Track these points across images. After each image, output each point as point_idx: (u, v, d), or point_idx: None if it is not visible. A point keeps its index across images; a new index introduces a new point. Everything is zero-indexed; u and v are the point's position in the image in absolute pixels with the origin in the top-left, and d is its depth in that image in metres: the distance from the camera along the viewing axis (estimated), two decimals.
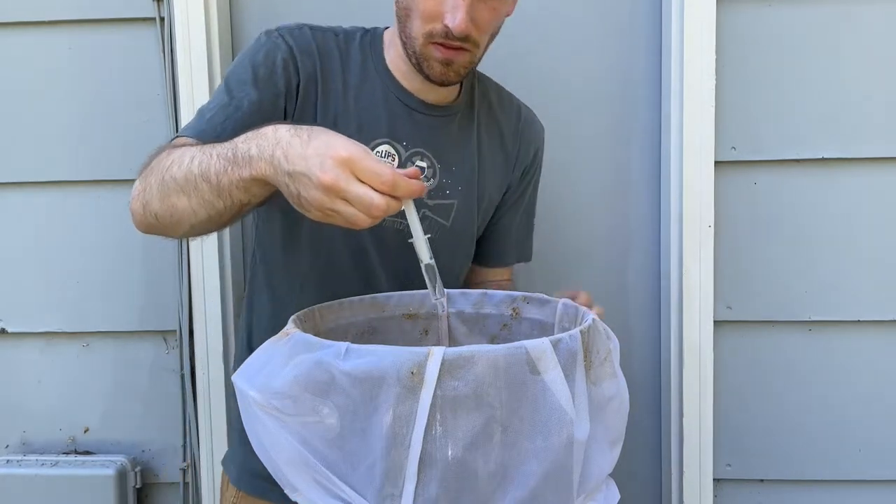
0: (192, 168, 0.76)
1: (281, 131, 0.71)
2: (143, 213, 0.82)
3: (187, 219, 0.78)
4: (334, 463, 0.64)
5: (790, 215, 1.31)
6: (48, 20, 1.34)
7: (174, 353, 1.39)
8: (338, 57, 0.97)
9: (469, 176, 1.02)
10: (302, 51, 0.95)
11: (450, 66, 0.92)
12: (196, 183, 0.75)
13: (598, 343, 0.71)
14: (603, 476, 0.71)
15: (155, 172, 0.81)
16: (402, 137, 0.97)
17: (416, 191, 0.70)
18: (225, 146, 0.75)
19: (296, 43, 0.95)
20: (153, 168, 0.82)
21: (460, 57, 0.92)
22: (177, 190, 0.77)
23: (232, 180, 0.73)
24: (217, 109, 0.90)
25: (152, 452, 1.41)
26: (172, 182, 0.77)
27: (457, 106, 1.02)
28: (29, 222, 1.38)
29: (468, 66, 0.94)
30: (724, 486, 1.37)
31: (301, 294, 0.98)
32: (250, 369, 0.71)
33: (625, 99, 1.39)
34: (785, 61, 1.29)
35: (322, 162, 0.66)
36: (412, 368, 0.60)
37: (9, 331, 1.40)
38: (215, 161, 0.74)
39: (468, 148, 1.03)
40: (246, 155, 0.72)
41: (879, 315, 1.31)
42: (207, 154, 0.76)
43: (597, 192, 1.40)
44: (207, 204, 0.76)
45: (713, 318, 1.32)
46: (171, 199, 0.78)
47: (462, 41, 0.90)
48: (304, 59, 0.94)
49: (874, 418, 1.33)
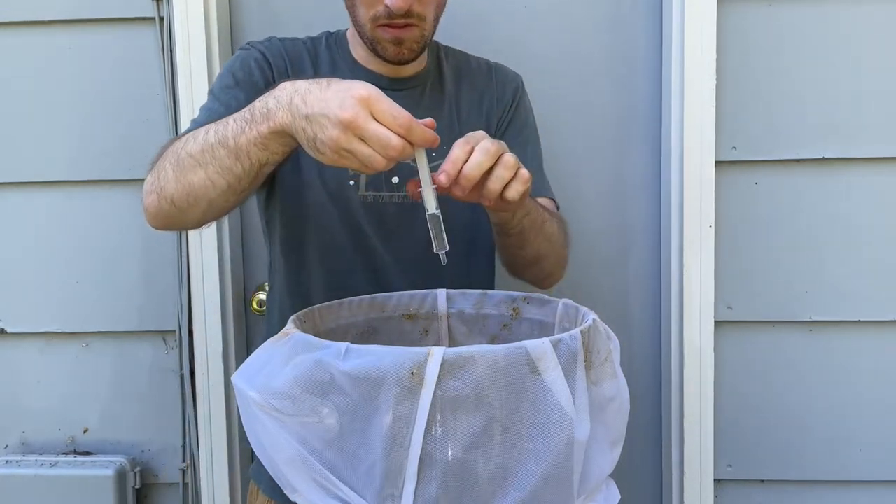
0: (208, 138, 0.78)
1: (298, 83, 0.73)
2: (158, 202, 0.83)
3: (204, 194, 0.79)
4: (334, 463, 0.63)
5: (791, 215, 1.31)
6: (48, 20, 1.34)
7: (174, 353, 1.39)
8: (307, 58, 1.04)
9: (448, 134, 1.04)
10: (273, 54, 1.02)
11: (402, 45, 0.96)
12: (213, 150, 0.77)
13: (599, 343, 0.71)
14: (603, 476, 0.70)
15: (168, 157, 0.83)
16: None
17: (430, 139, 0.70)
18: (241, 111, 0.77)
19: (266, 48, 1.02)
20: (165, 156, 0.84)
21: (408, 33, 0.95)
22: (193, 164, 0.79)
23: (250, 138, 0.75)
24: (208, 113, 0.94)
25: (152, 453, 1.41)
26: (188, 158, 0.79)
27: (424, 74, 1.07)
28: (28, 222, 1.38)
29: (420, 41, 0.98)
30: (724, 486, 1.36)
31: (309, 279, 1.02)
32: (250, 369, 0.71)
33: (625, 99, 1.39)
34: (785, 61, 1.29)
35: (342, 100, 0.67)
36: (412, 369, 0.60)
37: (8, 331, 1.40)
38: (232, 124, 0.76)
39: (442, 109, 1.06)
40: (264, 109, 0.74)
41: (880, 315, 1.31)
42: (223, 123, 0.78)
43: (597, 192, 1.40)
44: (226, 170, 0.77)
45: (714, 318, 1.32)
46: (188, 176, 0.79)
47: (406, 17, 0.93)
48: (275, 60, 1.01)
49: (875, 418, 1.33)
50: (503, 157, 0.74)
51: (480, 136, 0.76)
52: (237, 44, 1.41)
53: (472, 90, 1.10)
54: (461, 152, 0.73)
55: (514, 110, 1.12)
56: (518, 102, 1.13)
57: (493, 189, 0.75)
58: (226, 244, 1.37)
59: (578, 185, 1.39)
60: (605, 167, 1.40)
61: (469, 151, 0.73)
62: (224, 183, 0.78)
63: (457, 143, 0.74)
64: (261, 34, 1.39)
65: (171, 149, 0.84)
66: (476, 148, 0.73)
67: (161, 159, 0.85)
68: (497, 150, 0.74)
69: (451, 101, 1.08)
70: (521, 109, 1.13)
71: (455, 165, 0.72)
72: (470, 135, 0.76)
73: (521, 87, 1.14)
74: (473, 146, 0.74)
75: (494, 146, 0.74)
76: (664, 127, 1.37)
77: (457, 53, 1.14)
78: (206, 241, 1.35)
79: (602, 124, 1.40)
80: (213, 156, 0.77)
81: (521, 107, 1.13)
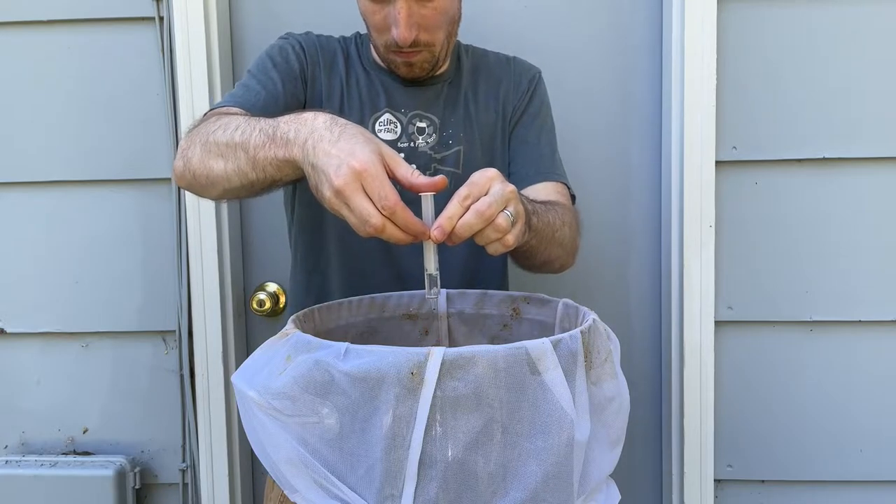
0: (234, 136, 0.80)
1: (318, 121, 0.74)
2: (183, 170, 0.87)
3: (221, 183, 0.83)
4: (334, 463, 0.63)
5: (791, 215, 1.31)
6: (48, 20, 1.34)
7: (173, 353, 1.39)
8: (339, 52, 1.10)
9: (466, 122, 1.11)
10: (309, 45, 1.08)
11: (413, 66, 1.03)
12: (235, 151, 0.80)
13: (599, 343, 0.71)
14: (603, 477, 0.70)
15: (201, 133, 0.86)
16: (400, 106, 1.08)
17: (414, 227, 0.70)
18: (269, 122, 0.78)
19: (303, 39, 1.09)
20: (199, 130, 0.87)
21: (417, 57, 1.02)
22: (217, 154, 0.82)
23: (267, 156, 0.77)
24: (244, 90, 1.00)
25: (151, 453, 1.41)
26: (214, 146, 0.82)
27: (446, 74, 1.12)
28: (28, 222, 1.38)
29: (431, 61, 1.04)
30: (724, 486, 1.36)
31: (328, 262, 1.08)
32: (250, 369, 0.71)
33: (626, 99, 1.39)
34: (785, 61, 1.29)
35: (339, 166, 0.69)
36: (412, 369, 0.60)
37: (8, 331, 1.40)
38: (256, 134, 0.78)
39: (459, 100, 1.12)
40: (284, 136, 0.75)
41: (880, 315, 1.31)
42: (251, 126, 0.80)
43: (597, 192, 1.40)
44: (241, 173, 0.80)
45: (714, 319, 1.31)
46: (210, 162, 0.82)
47: (413, 47, 0.99)
48: (310, 50, 1.08)
49: (875, 419, 1.33)
50: (496, 221, 0.73)
51: (483, 186, 0.74)
52: (237, 44, 1.41)
53: (489, 81, 1.14)
54: (458, 208, 0.73)
55: (529, 98, 1.15)
56: (534, 91, 1.16)
57: (479, 243, 0.76)
58: (226, 244, 1.37)
59: (578, 185, 1.38)
60: (606, 167, 1.40)
61: (466, 208, 0.73)
62: (238, 182, 0.81)
63: (457, 194, 0.73)
64: (261, 34, 1.40)
65: (206, 123, 0.87)
66: (472, 207, 0.72)
67: (195, 132, 0.88)
68: (492, 212, 0.73)
69: (467, 93, 1.12)
70: (537, 98, 1.16)
71: (450, 222, 0.72)
72: (475, 180, 0.74)
73: (537, 77, 1.17)
74: (473, 202, 0.73)
75: (491, 208, 0.73)
76: (664, 127, 1.37)
77: (476, 51, 1.18)
78: (206, 242, 1.35)
79: (602, 124, 1.40)
80: (234, 155, 0.80)
81: (536, 95, 1.16)
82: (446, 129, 1.09)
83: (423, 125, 1.08)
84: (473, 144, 1.10)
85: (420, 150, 1.07)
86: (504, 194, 0.74)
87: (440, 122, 1.09)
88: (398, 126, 1.07)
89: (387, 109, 1.07)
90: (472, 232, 0.73)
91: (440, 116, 1.09)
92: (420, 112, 1.08)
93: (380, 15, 0.99)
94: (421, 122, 1.08)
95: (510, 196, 0.75)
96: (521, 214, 0.77)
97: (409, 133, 1.07)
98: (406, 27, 0.96)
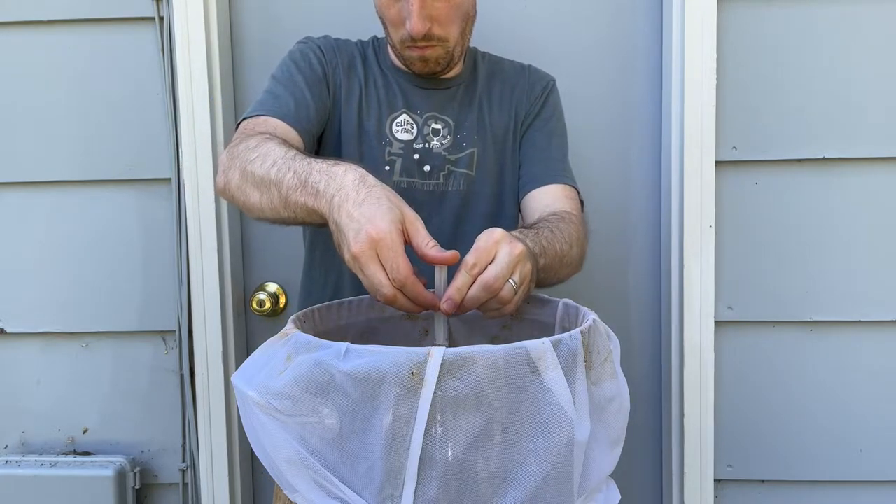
0: (270, 172, 0.82)
1: (348, 178, 0.75)
2: (223, 188, 0.91)
3: (255, 212, 0.86)
4: (334, 463, 0.63)
5: (791, 215, 1.31)
6: (48, 20, 1.34)
7: (173, 353, 1.39)
8: (358, 55, 1.13)
9: (479, 125, 1.13)
10: (327, 48, 1.11)
11: (427, 62, 1.05)
12: (270, 187, 0.82)
13: (599, 343, 0.71)
14: (603, 477, 0.70)
15: (240, 157, 0.88)
16: (416, 107, 1.11)
17: (423, 298, 0.72)
18: (303, 165, 0.80)
19: (322, 43, 1.11)
20: (239, 151, 0.89)
21: (432, 52, 1.04)
22: (254, 184, 0.84)
23: (298, 201, 0.78)
24: (274, 99, 1.02)
25: (151, 453, 1.41)
26: (251, 176, 0.85)
27: (460, 78, 1.14)
28: (29, 222, 1.38)
29: (445, 57, 1.06)
30: (724, 486, 1.36)
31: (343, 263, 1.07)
32: (250, 369, 0.71)
33: (626, 99, 1.39)
34: (785, 61, 1.29)
35: (358, 231, 0.70)
36: (412, 369, 0.60)
37: (8, 331, 1.40)
38: (290, 176, 0.80)
39: (474, 104, 1.14)
40: (315, 187, 0.77)
41: (880, 315, 1.31)
42: (287, 166, 0.81)
43: (597, 193, 1.40)
44: (274, 210, 0.82)
45: (714, 319, 1.31)
46: (248, 189, 0.85)
47: (427, 40, 1.02)
48: (329, 54, 1.10)
49: (875, 419, 1.33)
50: (501, 295, 0.74)
51: (490, 251, 0.74)
52: (237, 44, 1.41)
53: (504, 87, 1.16)
54: (467, 279, 0.73)
55: (542, 104, 1.16)
56: (547, 97, 1.17)
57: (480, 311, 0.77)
58: (226, 244, 1.37)
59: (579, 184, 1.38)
60: (606, 167, 1.40)
61: (475, 276, 0.73)
62: (272, 215, 0.84)
63: (465, 263, 0.74)
64: (261, 34, 1.40)
65: (245, 144, 0.89)
66: (479, 279, 0.73)
67: (236, 152, 0.89)
68: (499, 285, 0.73)
69: (482, 97, 1.14)
70: (550, 104, 1.17)
71: (460, 293, 0.73)
72: (481, 246, 0.74)
73: (551, 85, 1.19)
74: (480, 271, 0.73)
75: (497, 281, 0.73)
76: (664, 127, 1.36)
77: (492, 58, 1.20)
78: (206, 242, 1.35)
79: (602, 125, 1.40)
80: (269, 190, 0.82)
81: (549, 101, 1.17)
82: (461, 131, 1.11)
83: (439, 126, 1.10)
84: (486, 147, 1.12)
85: (435, 150, 1.09)
86: (511, 259, 0.74)
87: (455, 124, 1.11)
88: (414, 127, 1.09)
89: (403, 110, 1.10)
90: (480, 304, 0.74)
91: (455, 118, 1.11)
92: (436, 114, 1.10)
93: (394, 9, 1.01)
94: (436, 124, 1.10)
95: (517, 259, 0.75)
96: (527, 276, 0.77)
97: (424, 134, 1.09)
98: (419, 19, 0.98)
